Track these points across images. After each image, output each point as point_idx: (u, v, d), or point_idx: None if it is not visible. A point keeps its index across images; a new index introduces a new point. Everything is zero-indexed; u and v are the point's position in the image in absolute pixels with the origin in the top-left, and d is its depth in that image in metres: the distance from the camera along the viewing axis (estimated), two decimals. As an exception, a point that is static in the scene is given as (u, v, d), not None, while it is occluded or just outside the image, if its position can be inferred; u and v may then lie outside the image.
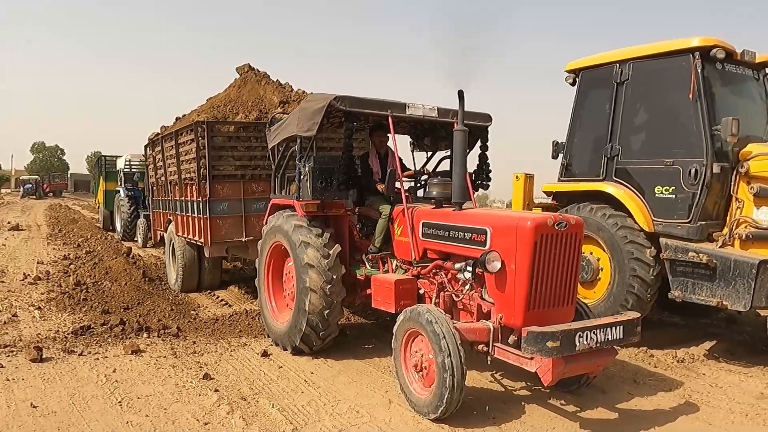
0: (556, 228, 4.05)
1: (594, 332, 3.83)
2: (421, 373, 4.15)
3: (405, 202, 5.16)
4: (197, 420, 4.00)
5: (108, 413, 4.08)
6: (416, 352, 4.20)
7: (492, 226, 4.27)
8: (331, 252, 5.29)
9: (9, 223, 21.15)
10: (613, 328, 3.95)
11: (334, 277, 5.26)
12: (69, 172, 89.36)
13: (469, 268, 4.33)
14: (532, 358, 3.79)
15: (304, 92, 8.81)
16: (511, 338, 4.07)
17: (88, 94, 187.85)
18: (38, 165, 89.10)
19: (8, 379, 4.68)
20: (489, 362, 4.12)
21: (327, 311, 5.25)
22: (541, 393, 4.68)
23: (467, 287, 4.44)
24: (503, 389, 4.82)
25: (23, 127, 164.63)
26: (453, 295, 4.62)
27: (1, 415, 3.99)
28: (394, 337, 4.40)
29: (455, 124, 4.79)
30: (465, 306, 4.54)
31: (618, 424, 4.13)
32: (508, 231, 4.11)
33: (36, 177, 60.69)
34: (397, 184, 5.40)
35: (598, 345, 3.83)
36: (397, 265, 5.38)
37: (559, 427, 4.04)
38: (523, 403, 4.46)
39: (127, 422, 3.94)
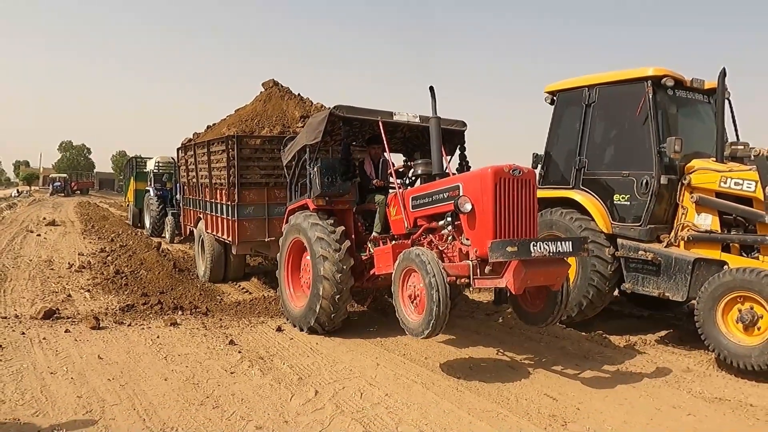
0: (512, 174, 5.09)
1: (546, 243, 4.82)
2: (414, 302, 5.10)
3: (397, 188, 6.23)
4: (225, 371, 5.15)
5: (156, 364, 5.26)
6: (411, 285, 5.16)
7: (462, 181, 5.38)
8: (342, 246, 6.28)
9: (45, 219, 22.66)
10: (564, 242, 4.96)
11: (344, 267, 6.24)
12: (94, 170, 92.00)
13: (449, 219, 5.40)
14: (501, 277, 4.79)
15: (323, 106, 9.88)
16: (487, 268, 4.96)
17: (114, 95, 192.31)
18: (65, 163, 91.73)
19: (76, 340, 5.91)
20: (471, 290, 5.09)
21: (338, 296, 6.25)
22: (501, 363, 5.74)
23: (450, 238, 5.47)
24: (470, 357, 5.86)
25: (51, 126, 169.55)
26: (439, 247, 5.57)
27: (77, 363, 5.21)
28: (393, 281, 5.34)
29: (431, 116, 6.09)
30: (451, 259, 5.45)
31: (559, 385, 5.12)
32: (475, 180, 5.19)
33: (65, 175, 62.83)
34: (391, 179, 6.51)
35: (550, 253, 4.79)
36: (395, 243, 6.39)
37: (510, 385, 5.05)
38: (484, 367, 5.53)
39: (172, 370, 5.11)
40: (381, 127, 6.50)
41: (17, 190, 57.28)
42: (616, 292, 7.29)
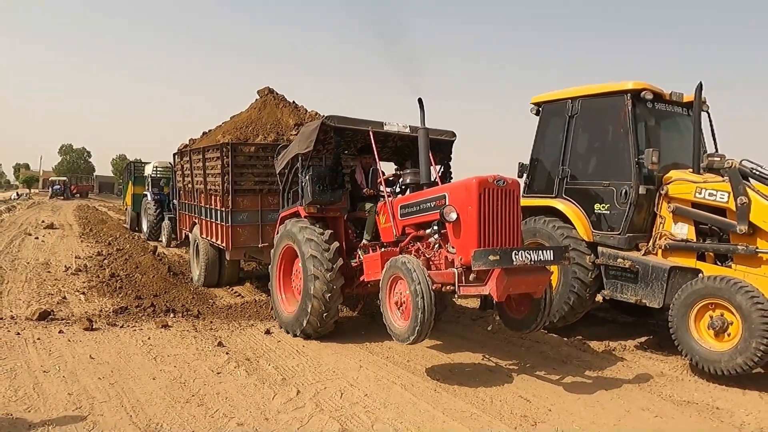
0: (496, 184, 5.26)
1: (528, 252, 4.97)
2: (400, 308, 5.24)
3: (387, 197, 6.40)
4: (212, 371, 5.34)
5: (146, 364, 5.44)
6: (397, 292, 5.29)
7: (449, 191, 5.56)
8: (334, 266, 6.39)
9: (43, 222, 22.86)
10: (545, 251, 5.10)
11: (335, 287, 6.37)
12: (94, 173, 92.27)
13: (436, 227, 5.57)
14: (485, 285, 4.93)
15: (317, 113, 10.06)
16: (471, 276, 5.13)
17: (114, 100, 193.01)
18: (65, 167, 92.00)
19: (69, 341, 6.09)
20: (456, 298, 5.22)
21: (325, 313, 6.41)
22: (481, 366, 5.92)
23: (436, 246, 5.64)
24: (451, 361, 6.04)
25: (51, 129, 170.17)
26: (426, 255, 5.72)
27: (70, 362, 5.39)
28: (380, 287, 5.47)
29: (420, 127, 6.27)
30: (437, 266, 5.59)
31: (534, 388, 5.29)
32: (460, 190, 5.36)
33: (64, 178, 63.05)
34: (381, 188, 6.71)
35: (532, 262, 4.93)
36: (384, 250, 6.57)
37: (487, 387, 5.21)
38: (464, 370, 5.71)
39: (161, 370, 5.29)
40: (372, 137, 6.69)
41: (17, 193, 57.48)
42: (600, 299, 7.48)
